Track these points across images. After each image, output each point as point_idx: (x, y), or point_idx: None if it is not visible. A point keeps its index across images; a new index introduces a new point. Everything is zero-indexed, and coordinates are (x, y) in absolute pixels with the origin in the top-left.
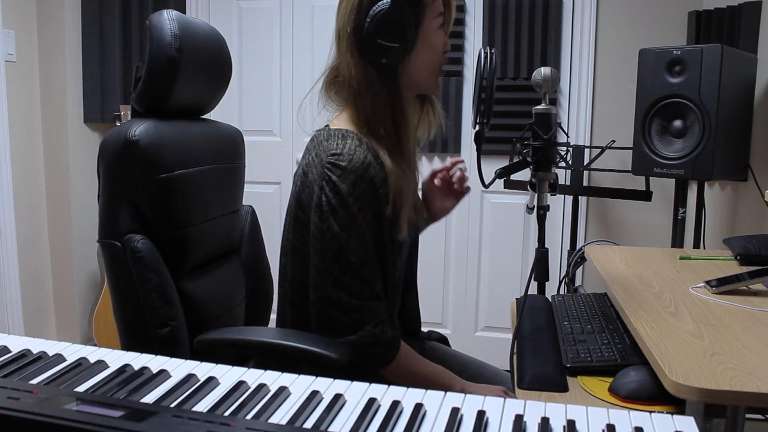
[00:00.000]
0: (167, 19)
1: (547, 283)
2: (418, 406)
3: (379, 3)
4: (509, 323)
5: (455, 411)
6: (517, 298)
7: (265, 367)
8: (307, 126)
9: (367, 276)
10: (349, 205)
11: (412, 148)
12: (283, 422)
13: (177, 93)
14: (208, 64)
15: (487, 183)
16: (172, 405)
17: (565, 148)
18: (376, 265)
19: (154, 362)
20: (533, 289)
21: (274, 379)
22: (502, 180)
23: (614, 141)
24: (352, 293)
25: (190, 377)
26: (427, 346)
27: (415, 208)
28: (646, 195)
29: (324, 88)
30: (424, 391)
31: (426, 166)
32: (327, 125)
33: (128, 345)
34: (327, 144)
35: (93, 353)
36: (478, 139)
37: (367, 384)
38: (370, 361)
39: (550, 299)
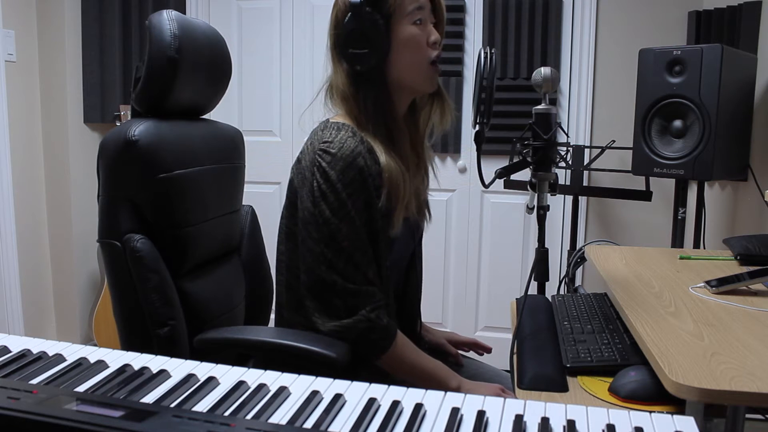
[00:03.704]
0: (167, 19)
1: (547, 283)
2: (418, 406)
3: (347, 14)
4: (509, 323)
5: (455, 411)
6: (517, 298)
7: (265, 367)
8: (309, 130)
9: (359, 261)
10: (338, 191)
11: (407, 151)
12: (283, 422)
13: (177, 93)
14: (208, 64)
15: (487, 183)
16: (172, 405)
17: (565, 148)
18: (369, 251)
19: (154, 362)
20: (533, 289)
21: (274, 379)
22: (502, 180)
23: (614, 141)
24: (347, 278)
25: (190, 377)
26: (427, 346)
27: (416, 208)
28: (646, 195)
29: (325, 98)
30: (424, 391)
31: None
32: (327, 119)
33: (128, 345)
34: (322, 134)
35: (93, 353)
36: (478, 139)
37: (367, 384)
38: (367, 347)
39: (550, 299)
